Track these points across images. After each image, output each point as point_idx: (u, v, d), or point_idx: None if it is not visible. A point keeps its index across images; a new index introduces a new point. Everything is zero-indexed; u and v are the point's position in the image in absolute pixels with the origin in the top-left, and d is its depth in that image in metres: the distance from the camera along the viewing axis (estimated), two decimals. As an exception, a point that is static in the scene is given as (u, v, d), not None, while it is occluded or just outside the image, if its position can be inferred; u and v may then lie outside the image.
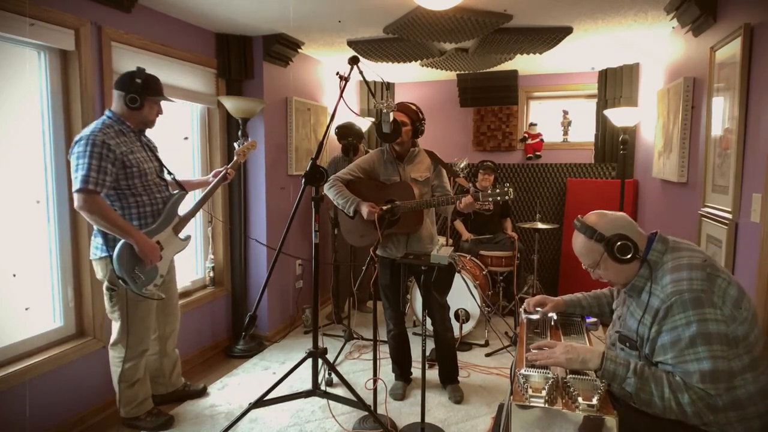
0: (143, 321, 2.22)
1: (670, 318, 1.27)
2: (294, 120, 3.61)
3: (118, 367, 2.22)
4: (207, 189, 2.46)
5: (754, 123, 1.86)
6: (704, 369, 1.22)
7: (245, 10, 2.73)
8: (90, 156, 1.95)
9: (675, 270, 1.32)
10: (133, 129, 2.16)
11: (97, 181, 1.95)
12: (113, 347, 2.24)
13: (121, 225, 2.03)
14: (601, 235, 1.40)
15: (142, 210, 2.15)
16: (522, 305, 1.80)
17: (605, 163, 4.29)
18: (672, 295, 1.27)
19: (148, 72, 2.14)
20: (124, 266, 2.06)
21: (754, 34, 1.87)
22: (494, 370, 2.99)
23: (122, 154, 2.05)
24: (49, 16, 2.11)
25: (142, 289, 2.12)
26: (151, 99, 2.14)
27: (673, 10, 2.52)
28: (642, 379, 1.26)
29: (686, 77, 2.60)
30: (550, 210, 4.50)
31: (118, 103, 2.12)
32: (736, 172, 1.95)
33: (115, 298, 2.15)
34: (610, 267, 1.41)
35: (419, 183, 2.46)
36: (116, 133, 2.07)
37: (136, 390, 2.27)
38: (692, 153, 2.60)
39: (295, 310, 3.80)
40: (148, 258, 2.09)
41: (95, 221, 2.00)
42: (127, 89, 2.08)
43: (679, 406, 1.23)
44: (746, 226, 1.87)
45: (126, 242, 2.05)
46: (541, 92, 4.62)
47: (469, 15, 2.66)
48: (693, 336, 1.23)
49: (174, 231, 2.27)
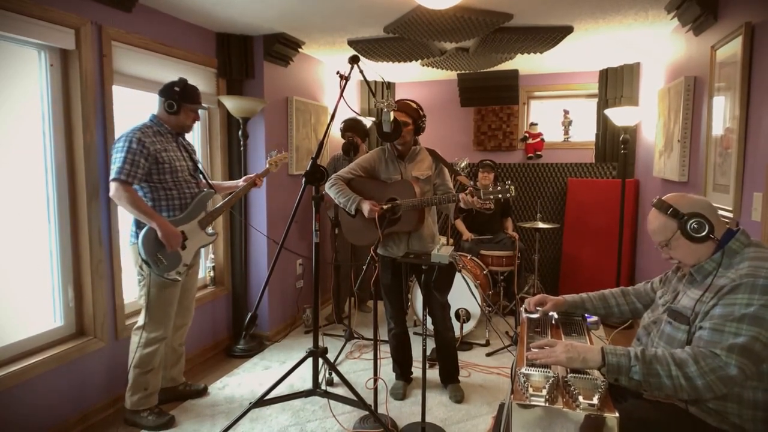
0: (165, 308, 2.33)
1: (733, 295, 1.25)
2: (295, 120, 3.61)
3: (135, 352, 2.31)
4: (235, 191, 2.58)
5: (755, 122, 1.86)
6: (737, 342, 1.19)
7: (246, 9, 2.73)
8: (126, 151, 2.17)
9: (757, 259, 1.29)
10: (170, 131, 2.36)
11: (129, 172, 2.16)
12: (135, 331, 2.35)
13: (147, 211, 2.21)
14: (676, 211, 1.38)
15: (171, 203, 2.33)
16: (523, 305, 1.80)
17: (606, 162, 4.28)
18: (745, 277, 1.25)
19: (187, 82, 2.35)
20: (148, 249, 2.21)
21: (755, 33, 1.87)
22: (495, 369, 2.98)
23: (156, 151, 2.25)
24: (49, 15, 2.11)
25: (164, 273, 2.25)
26: (187, 106, 2.35)
27: (673, 9, 2.52)
28: (646, 362, 1.24)
29: (687, 76, 2.60)
30: (550, 210, 4.50)
31: (159, 108, 2.34)
32: (737, 172, 1.94)
33: (143, 282, 2.29)
34: (681, 245, 1.39)
35: (420, 181, 2.46)
36: (154, 133, 2.29)
37: (148, 379, 2.33)
38: (693, 152, 2.59)
39: (296, 309, 3.80)
40: (169, 242, 2.23)
41: (125, 207, 2.20)
42: (166, 96, 2.31)
43: (689, 380, 1.21)
44: (747, 225, 1.86)
45: (151, 227, 2.20)
46: (542, 92, 4.62)
47: (470, 14, 2.66)
48: (746, 314, 1.21)
49: (200, 225, 2.41)
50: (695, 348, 1.25)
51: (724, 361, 1.20)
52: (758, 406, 1.26)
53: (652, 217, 1.46)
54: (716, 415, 1.30)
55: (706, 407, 1.31)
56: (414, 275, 2.99)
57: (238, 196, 2.57)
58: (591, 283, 3.81)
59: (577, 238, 4.24)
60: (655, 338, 1.45)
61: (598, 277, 4.01)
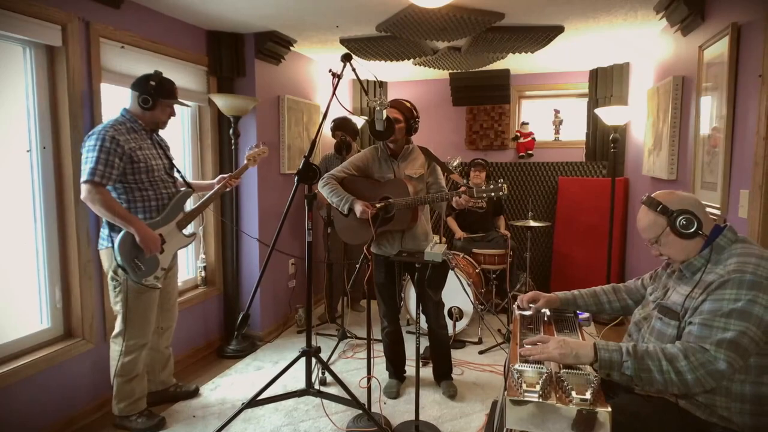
0: (144, 313, 2.24)
1: (721, 290, 1.27)
2: (286, 118, 3.59)
3: (117, 361, 2.23)
4: (210, 192, 2.49)
5: (741, 121, 1.89)
6: (725, 337, 1.22)
7: (237, 6, 2.70)
8: (99, 150, 2.04)
9: (744, 255, 1.31)
10: (144, 127, 2.23)
11: (103, 174, 2.04)
12: (114, 339, 2.25)
13: (123, 215, 2.09)
14: (665, 208, 1.40)
15: (147, 204, 2.21)
16: (515, 302, 1.81)
17: (596, 161, 4.32)
18: (733, 273, 1.27)
19: (162, 76, 2.21)
20: (125, 255, 2.11)
21: (741, 33, 1.90)
22: (488, 367, 3.00)
23: (131, 149, 2.12)
24: (35, 11, 2.08)
25: (142, 279, 2.16)
26: (163, 101, 2.21)
27: (662, 9, 2.55)
28: (637, 358, 1.26)
29: (675, 76, 2.63)
30: (542, 208, 4.53)
31: (132, 102, 2.20)
32: (725, 170, 1.97)
33: (118, 288, 2.18)
34: (671, 242, 1.40)
35: (414, 180, 2.46)
36: (127, 130, 2.16)
37: (134, 386, 2.27)
38: (681, 151, 2.63)
39: (288, 309, 3.78)
40: (148, 247, 2.13)
41: (99, 211, 2.07)
42: (141, 90, 2.17)
43: (679, 375, 1.23)
44: (735, 222, 1.89)
45: (128, 232, 2.10)
46: (533, 91, 4.65)
47: (462, 13, 2.67)
48: (734, 309, 1.23)
49: (178, 226, 2.31)
50: (685, 343, 1.27)
51: (713, 355, 1.22)
52: (745, 399, 1.28)
53: (641, 215, 1.47)
54: (705, 408, 1.32)
55: (696, 401, 1.33)
56: (407, 274, 2.99)
57: (212, 199, 2.47)
58: (581, 281, 3.84)
59: (568, 236, 4.28)
60: (646, 334, 1.47)
61: (589, 274, 4.05)
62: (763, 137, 1.66)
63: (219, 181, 2.56)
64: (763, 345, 1.24)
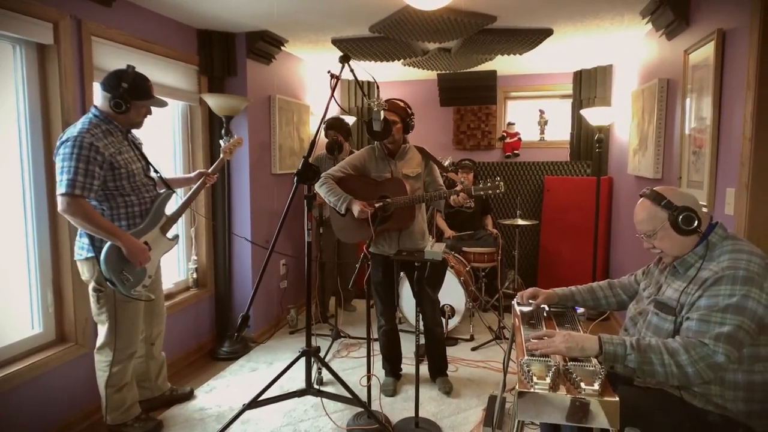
0: (132, 323, 2.17)
1: (716, 287, 1.33)
2: (277, 118, 3.57)
3: (104, 372, 2.15)
4: (191, 191, 2.42)
5: (726, 122, 1.98)
6: (722, 331, 1.28)
7: (228, 5, 2.68)
8: (77, 159, 1.88)
9: (736, 251, 1.37)
10: (119, 128, 2.10)
11: (84, 185, 1.90)
12: (99, 351, 2.16)
13: (108, 228, 1.97)
14: (669, 203, 1.43)
15: (130, 210, 2.11)
16: (514, 299, 1.86)
17: (581, 161, 4.44)
18: (727, 269, 1.33)
19: (136, 71, 2.05)
20: (112, 268, 2.00)
21: (726, 39, 1.99)
22: (481, 363, 3.05)
23: (111, 155, 1.99)
24: (27, 9, 2.02)
25: (130, 291, 2.06)
26: (138, 103, 2.07)
27: (648, 14, 2.64)
28: (641, 351, 1.32)
29: (660, 78, 2.73)
30: (528, 207, 4.63)
31: (104, 102, 2.04)
32: (711, 169, 2.06)
33: (103, 299, 2.08)
34: (667, 237, 1.44)
35: (411, 179, 2.49)
36: (104, 133, 2.01)
37: (124, 394, 2.20)
38: (667, 150, 2.73)
39: (280, 310, 3.77)
40: (137, 260, 2.04)
41: (80, 225, 1.95)
42: (112, 93, 2.00)
43: (680, 368, 1.29)
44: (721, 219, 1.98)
45: (113, 244, 1.99)
46: (519, 92, 4.74)
47: (456, 15, 2.71)
48: (729, 305, 1.29)
49: (161, 231, 2.22)
50: (685, 339, 1.34)
51: (711, 349, 1.28)
52: (738, 387, 1.35)
53: (641, 208, 1.51)
54: (701, 397, 1.38)
55: (692, 390, 1.40)
56: (404, 272, 3.02)
57: (195, 196, 2.40)
58: (568, 278, 3.94)
59: (554, 234, 4.38)
60: (642, 328, 1.52)
61: (575, 271, 4.15)
62: (748, 139, 1.75)
63: (198, 176, 2.47)
64: (755, 336, 1.32)
